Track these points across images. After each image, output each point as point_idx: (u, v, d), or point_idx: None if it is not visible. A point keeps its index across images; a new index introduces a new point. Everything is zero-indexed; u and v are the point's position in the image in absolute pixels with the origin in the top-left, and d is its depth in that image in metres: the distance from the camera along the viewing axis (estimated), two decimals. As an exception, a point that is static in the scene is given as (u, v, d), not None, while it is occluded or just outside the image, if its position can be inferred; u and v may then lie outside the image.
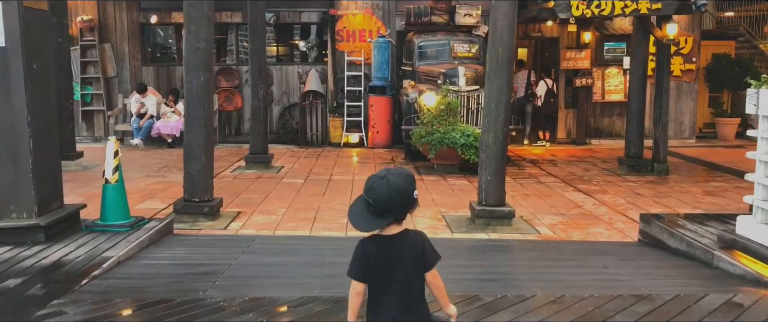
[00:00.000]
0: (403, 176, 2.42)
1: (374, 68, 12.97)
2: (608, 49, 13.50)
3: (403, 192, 2.38)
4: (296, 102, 13.45)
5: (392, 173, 2.41)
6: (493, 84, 6.39)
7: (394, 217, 2.40)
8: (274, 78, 13.56)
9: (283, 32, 15.12)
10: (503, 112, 6.39)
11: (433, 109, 10.05)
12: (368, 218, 2.39)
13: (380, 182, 2.38)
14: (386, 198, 2.36)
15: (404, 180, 2.40)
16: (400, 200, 2.38)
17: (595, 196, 8.22)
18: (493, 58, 6.37)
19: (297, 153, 12.15)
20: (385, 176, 2.39)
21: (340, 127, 13.17)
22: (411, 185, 2.41)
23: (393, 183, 2.37)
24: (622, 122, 13.73)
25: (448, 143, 9.56)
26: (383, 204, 2.36)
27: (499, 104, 6.37)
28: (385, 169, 2.45)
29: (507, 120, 6.44)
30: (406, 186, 2.39)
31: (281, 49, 15.25)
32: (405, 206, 2.41)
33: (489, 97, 6.44)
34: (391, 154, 12.11)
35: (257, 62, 9.82)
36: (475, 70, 11.11)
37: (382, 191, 2.36)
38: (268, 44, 15.83)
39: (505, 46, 6.33)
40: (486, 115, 6.48)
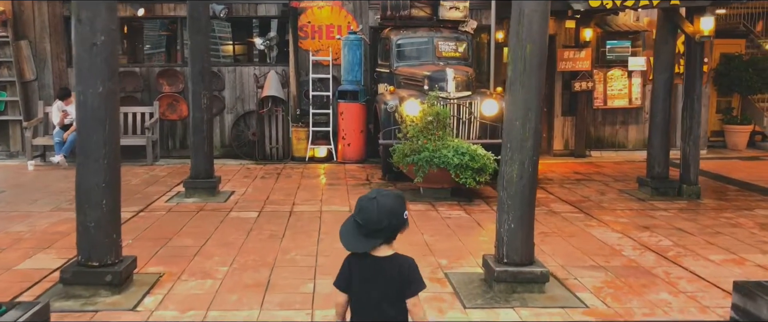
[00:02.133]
0: (393, 196, 2.48)
1: (344, 70, 11.08)
2: (611, 48, 11.84)
3: (392, 213, 2.44)
4: (252, 109, 11.47)
5: (382, 195, 2.47)
6: (518, 96, 4.56)
7: (383, 238, 2.47)
8: (225, 81, 11.55)
9: (237, 28, 13.15)
10: (532, 135, 4.56)
11: (418, 121, 8.21)
12: (358, 239, 2.45)
13: (370, 203, 2.44)
14: (376, 219, 2.42)
15: (394, 201, 2.46)
16: (390, 221, 2.44)
17: (630, 234, 6.46)
18: (516, 58, 4.54)
19: (253, 171, 10.18)
20: (376, 197, 2.45)
21: (305, 138, 11.24)
22: (401, 205, 2.48)
23: (383, 204, 2.43)
24: (625, 132, 12.11)
25: (438, 164, 7.72)
26: (373, 225, 2.43)
27: (528, 123, 4.54)
28: (376, 189, 2.48)
29: (537, 145, 4.62)
30: (395, 207, 2.45)
31: (235, 48, 13.25)
32: (395, 228, 2.48)
33: (512, 113, 4.61)
34: (365, 171, 10.23)
35: (199, 63, 7.83)
36: (465, 73, 9.30)
37: (372, 212, 2.43)
38: (219, 42, 13.88)
39: (536, 42, 4.51)
40: (508, 138, 4.64)
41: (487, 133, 9.09)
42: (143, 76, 11.54)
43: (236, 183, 9.12)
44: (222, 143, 11.63)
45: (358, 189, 8.69)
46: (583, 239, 6.29)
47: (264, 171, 10.22)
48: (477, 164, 7.70)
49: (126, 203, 7.62)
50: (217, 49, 13.74)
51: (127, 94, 11.46)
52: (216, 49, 13.69)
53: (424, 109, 8.24)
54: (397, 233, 2.49)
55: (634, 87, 11.93)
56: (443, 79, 9.05)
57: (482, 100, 9.14)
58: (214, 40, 13.63)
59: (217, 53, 13.69)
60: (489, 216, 7.18)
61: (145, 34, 13.68)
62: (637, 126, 12.10)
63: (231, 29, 13.39)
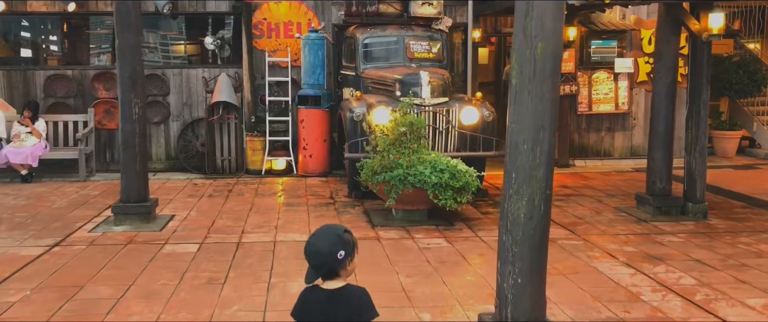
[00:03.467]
0: (328, 239, 2.54)
1: (305, 72, 9.91)
2: (596, 48, 10.91)
3: (327, 255, 2.50)
4: (201, 117, 10.21)
5: (317, 235, 2.57)
6: (525, 110, 3.47)
7: (324, 275, 2.53)
8: (171, 85, 10.27)
9: (186, 26, 11.84)
10: (545, 161, 3.48)
11: (390, 132, 7.10)
12: (310, 272, 2.53)
13: (307, 245, 2.55)
14: (313, 259, 2.53)
15: (328, 244, 2.52)
16: (325, 261, 2.50)
17: (643, 269, 5.44)
18: (523, 61, 3.45)
19: (200, 188, 8.93)
20: (309, 240, 2.56)
21: (261, 149, 10.03)
22: (335, 246, 2.52)
23: (315, 247, 2.53)
24: (611, 139, 11.20)
25: (414, 183, 6.62)
26: (312, 262, 2.53)
27: (539, 147, 3.45)
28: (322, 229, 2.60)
29: (549, 174, 3.53)
30: (329, 250, 2.51)
31: (181, 48, 11.95)
32: (331, 267, 2.53)
33: (517, 133, 3.51)
34: (329, 186, 9.08)
35: (129, 66, 6.59)
36: (441, 77, 8.22)
37: (308, 253, 2.54)
38: (168, 42, 12.56)
39: (550, 39, 3.42)
40: (512, 165, 3.54)
41: (467, 144, 8.02)
42: (76, 79, 10.19)
43: (178, 204, 7.87)
44: (167, 155, 10.35)
45: (321, 211, 7.53)
46: (591, 277, 5.24)
47: (213, 187, 8.98)
48: (458, 183, 6.61)
49: (40, 234, 6.38)
50: (166, 49, 12.44)
51: (57, 100, 10.12)
52: (165, 50, 12.39)
53: (396, 118, 7.13)
54: (337, 271, 2.56)
55: (621, 91, 11.02)
56: (417, 84, 7.96)
57: (461, 107, 8.07)
58: (164, 39, 12.36)
59: (166, 54, 12.37)
60: (474, 246, 6.11)
61: (87, 33, 12.28)
62: (624, 133, 11.20)
63: (178, 27, 12.09)
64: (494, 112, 8.28)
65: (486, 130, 8.13)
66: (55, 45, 12.48)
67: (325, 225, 2.65)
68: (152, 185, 9.07)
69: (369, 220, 7.11)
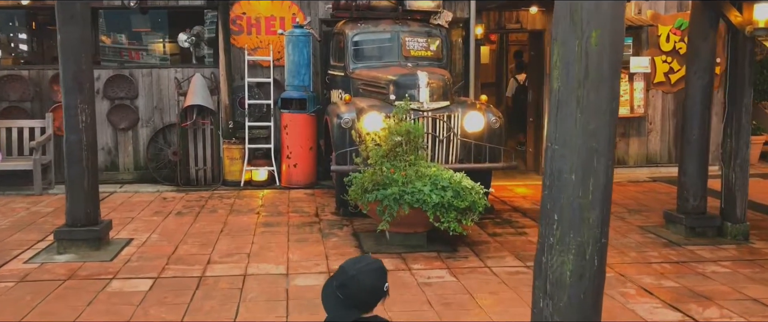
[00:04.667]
0: (373, 273, 2.38)
1: (289, 72, 8.89)
2: (610, 46, 9.93)
3: (373, 291, 2.37)
4: (174, 122, 9.17)
5: (363, 272, 2.37)
6: (572, 124, 2.48)
7: (365, 310, 2.39)
8: (139, 87, 9.23)
9: (154, 20, 10.81)
10: (601, 197, 2.48)
11: (383, 141, 6.11)
12: (340, 309, 2.36)
13: (351, 282, 2.35)
14: (355, 296, 2.34)
15: (375, 278, 2.37)
16: (370, 299, 2.38)
17: (692, 313, 4.46)
18: (571, 58, 2.46)
19: (169, 203, 7.90)
20: (355, 276, 2.35)
21: (240, 158, 9.00)
22: (382, 280, 2.40)
23: (363, 283, 2.34)
24: (625, 146, 10.23)
25: (411, 203, 5.61)
26: (352, 300, 2.35)
27: (593, 177, 2.46)
28: (356, 260, 2.43)
29: (606, 215, 2.53)
30: (376, 285, 2.37)
31: (160, 47, 10.92)
32: (374, 303, 2.40)
33: (561, 158, 2.51)
34: (315, 201, 8.06)
35: (74, 65, 5.56)
36: (441, 77, 7.22)
37: (352, 290, 2.34)
38: (143, 38, 11.53)
39: (608, 27, 2.43)
40: (553, 203, 2.54)
41: (471, 155, 7.02)
42: (33, 80, 9.13)
43: (140, 224, 6.84)
44: (136, 165, 9.31)
45: (303, 233, 6.52)
46: (631, 325, 4.26)
47: (184, 202, 7.95)
48: (464, 203, 5.61)
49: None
50: (144, 49, 11.42)
51: (11, 104, 9.06)
52: (143, 50, 11.37)
53: (390, 126, 6.13)
54: (378, 303, 2.41)
55: (637, 93, 10.06)
56: (414, 86, 6.96)
57: (464, 112, 7.07)
58: (138, 37, 11.34)
59: (146, 54, 11.33)
60: (484, 280, 5.12)
61: (48, 29, 11.21)
62: (640, 139, 10.23)
63: (154, 24, 11.05)
64: (501, 118, 7.29)
65: (492, 139, 7.14)
66: (25, 43, 11.46)
67: (361, 258, 2.46)
68: (115, 200, 8.10)
69: (359, 244, 6.11)
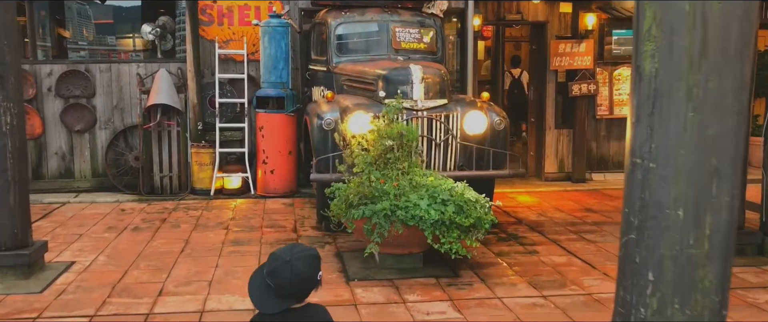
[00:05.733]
0: (308, 259, 2.24)
1: (265, 68, 7.95)
2: (618, 39, 9.08)
3: (307, 280, 2.23)
4: (136, 123, 8.18)
5: (297, 257, 2.22)
6: (680, 128, 1.56)
7: (297, 300, 2.26)
8: (97, 84, 8.23)
9: (119, 12, 9.85)
10: (721, 245, 1.56)
11: (371, 146, 5.18)
12: (270, 300, 2.22)
13: (284, 268, 2.20)
14: (288, 285, 2.20)
15: (310, 266, 2.23)
16: (303, 288, 2.25)
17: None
18: (677, 24, 1.55)
19: (127, 216, 6.92)
20: (290, 261, 2.20)
21: (210, 163, 8.03)
22: (316, 268, 2.26)
23: (297, 270, 2.19)
24: (635, 147, 9.35)
25: (405, 220, 4.69)
26: (285, 290, 2.21)
27: (710, 214, 1.54)
28: (290, 247, 2.26)
29: (727, 275, 1.62)
30: (311, 273, 2.23)
31: (129, 42, 9.94)
32: (308, 291, 2.27)
33: (661, 181, 1.60)
34: (293, 212, 7.12)
35: (-5, 54, 4.58)
36: (437, 72, 6.30)
37: (285, 278, 2.19)
38: (104, 34, 10.52)
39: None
40: (648, 251, 1.62)
41: (472, 160, 6.11)
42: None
43: (87, 243, 5.86)
44: (93, 171, 8.31)
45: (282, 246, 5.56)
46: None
47: (144, 215, 6.98)
48: (468, 220, 4.70)
49: None
50: (112, 44, 10.44)
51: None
52: (111, 45, 10.39)
53: (380, 128, 5.21)
54: (310, 293, 2.27)
55: (647, 90, 9.20)
56: (406, 81, 6.04)
57: (464, 111, 6.17)
58: (104, 32, 10.37)
59: (113, 49, 10.33)
60: (496, 316, 4.21)
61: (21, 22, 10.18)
62: (650, 140, 9.38)
63: (113, 14, 10.06)
64: (506, 118, 6.38)
65: (496, 142, 6.24)
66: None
67: (294, 245, 2.29)
68: (65, 213, 7.11)
69: (343, 268, 5.17)
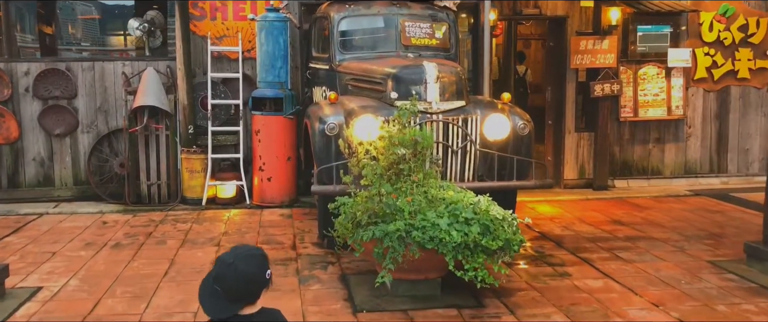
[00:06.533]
0: (253, 260, 2.17)
1: (262, 66, 7.29)
2: (644, 36, 8.40)
3: (253, 281, 2.15)
4: (121, 127, 7.51)
5: (241, 257, 2.15)
6: None
7: (246, 303, 2.18)
8: (78, 84, 7.57)
9: (106, 7, 9.22)
10: None
11: (381, 154, 4.52)
12: (220, 305, 2.13)
13: (228, 270, 2.13)
14: (235, 287, 2.13)
15: (255, 267, 2.16)
16: (251, 288, 2.16)
17: None
18: None
19: (110, 229, 6.26)
20: (234, 262, 2.13)
21: (202, 170, 7.36)
22: (262, 268, 2.18)
23: (242, 272, 2.13)
24: (660, 153, 8.71)
25: (422, 242, 4.02)
26: (233, 293, 2.13)
27: None
28: (234, 249, 2.19)
29: None
30: (257, 274, 2.16)
31: (120, 40, 9.28)
32: (256, 292, 2.18)
33: None
34: (292, 226, 6.46)
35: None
36: (453, 71, 5.64)
37: (230, 281, 2.12)
38: (93, 31, 9.87)
39: None
40: None
41: (494, 169, 5.44)
42: (-53, 75, 7.45)
43: (60, 263, 5.19)
44: (76, 179, 7.64)
45: (275, 275, 4.90)
46: None
47: (128, 228, 6.31)
48: (497, 242, 4.04)
49: None
50: (101, 42, 9.83)
51: None
52: (100, 43, 9.78)
53: (391, 134, 4.54)
54: (261, 293, 2.19)
55: (674, 91, 8.53)
56: (419, 81, 5.38)
57: (485, 114, 5.50)
58: (93, 28, 9.76)
59: (102, 48, 9.70)
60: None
61: None
62: (677, 144, 8.71)
63: (102, 11, 9.43)
64: (530, 122, 5.72)
65: (519, 149, 5.58)
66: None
67: (238, 246, 2.22)
68: (40, 226, 6.44)
69: (349, 295, 4.51)
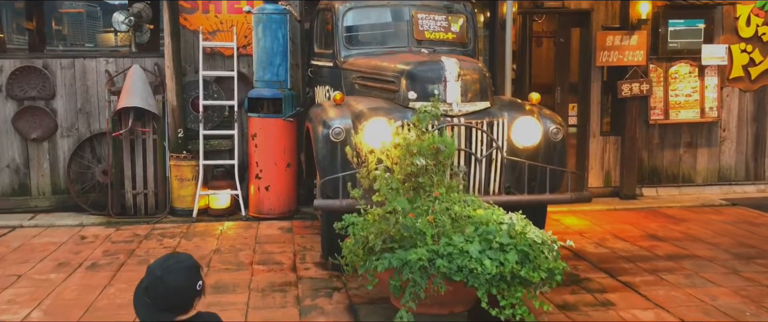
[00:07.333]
0: (182, 272, 2.17)
1: (259, 63, 6.61)
2: (676, 30, 7.71)
3: (182, 293, 2.17)
4: (105, 130, 6.83)
5: (169, 270, 2.17)
6: None
7: (178, 313, 2.20)
8: (57, 83, 6.89)
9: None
10: None
11: (397, 165, 3.84)
12: (153, 314, 2.17)
13: (157, 283, 2.15)
14: (164, 299, 2.15)
15: (184, 279, 2.17)
16: (182, 300, 2.18)
17: None
18: None
19: (87, 246, 5.58)
20: (161, 276, 2.15)
21: (192, 178, 6.68)
22: (191, 279, 2.19)
23: (170, 285, 2.14)
24: (692, 158, 8.02)
25: (449, 273, 3.33)
26: (162, 304, 2.16)
27: None
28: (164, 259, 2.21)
29: None
30: (185, 286, 2.17)
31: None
32: (188, 304, 2.20)
33: None
34: (292, 242, 5.77)
35: None
36: (476, 68, 4.94)
37: (159, 293, 2.14)
38: (73, 24, 9.19)
39: None
40: None
41: (523, 181, 4.75)
42: None
43: (25, 288, 4.50)
44: (54, 187, 6.96)
45: (272, 305, 4.23)
46: None
47: (108, 245, 5.62)
48: (539, 274, 3.35)
49: None
50: (91, 40, 9.19)
51: None
52: (90, 40, 9.14)
53: (408, 141, 3.85)
54: (194, 302, 2.19)
55: (708, 91, 7.85)
56: (438, 79, 4.68)
57: (512, 117, 4.81)
58: (76, 21, 9.11)
59: (91, 47, 9.04)
60: None
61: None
62: (709, 149, 8.02)
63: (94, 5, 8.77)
64: (563, 126, 5.02)
65: (551, 156, 4.89)
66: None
67: (169, 256, 2.23)
68: (11, 242, 5.74)
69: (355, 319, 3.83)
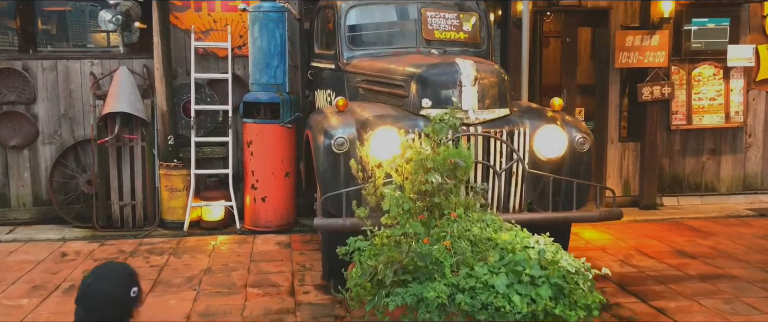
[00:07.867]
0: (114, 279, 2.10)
1: (255, 65, 6.15)
2: (699, 30, 7.24)
3: (115, 302, 2.09)
4: (89, 137, 6.36)
5: (101, 276, 2.11)
6: None
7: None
8: (38, 86, 6.42)
9: None
10: None
11: (408, 179, 3.37)
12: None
13: (87, 290, 2.09)
14: (96, 309, 2.06)
15: (114, 286, 2.09)
16: (116, 308, 2.10)
17: None
18: None
19: (67, 265, 5.11)
20: (92, 283, 2.09)
21: (184, 189, 6.21)
22: (125, 287, 2.12)
23: (100, 293, 2.07)
24: (715, 166, 7.56)
25: (472, 312, 2.87)
26: (95, 315, 2.07)
27: None
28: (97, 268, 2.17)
29: None
30: (119, 293, 2.09)
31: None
32: (124, 313, 2.12)
33: None
34: (290, 260, 5.30)
35: None
36: (494, 71, 4.47)
37: (90, 303, 2.07)
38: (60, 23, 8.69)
39: None
40: None
41: (547, 197, 4.28)
42: None
43: None
44: (36, 198, 6.49)
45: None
46: None
47: (89, 263, 5.15)
48: (578, 313, 2.88)
49: None
50: (83, 41, 8.72)
51: None
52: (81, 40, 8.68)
53: (422, 154, 3.39)
54: (132, 312, 2.14)
55: (733, 95, 7.39)
56: (452, 83, 4.21)
57: (534, 125, 4.34)
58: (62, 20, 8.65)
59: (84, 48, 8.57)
60: None
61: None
62: (734, 156, 7.56)
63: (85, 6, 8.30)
64: (590, 135, 4.55)
65: (577, 169, 4.43)
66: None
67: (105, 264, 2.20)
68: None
69: (366, 372, 3.35)
